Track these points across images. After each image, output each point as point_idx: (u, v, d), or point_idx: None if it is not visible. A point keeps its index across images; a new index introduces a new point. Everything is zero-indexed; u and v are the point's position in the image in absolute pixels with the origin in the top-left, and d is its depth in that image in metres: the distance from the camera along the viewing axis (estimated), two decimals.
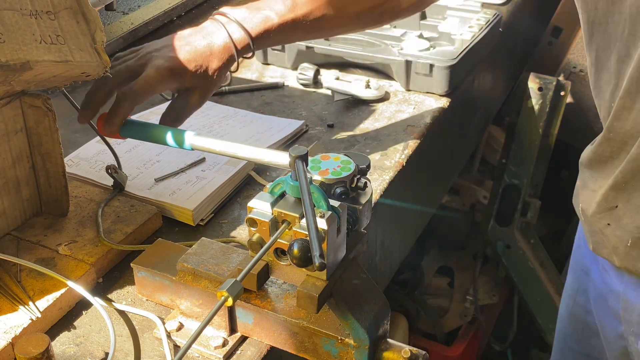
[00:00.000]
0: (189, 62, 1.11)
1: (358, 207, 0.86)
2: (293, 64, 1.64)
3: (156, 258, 0.99)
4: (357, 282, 0.87)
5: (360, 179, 0.86)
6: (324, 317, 0.88)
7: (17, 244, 1.07)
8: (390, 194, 1.29)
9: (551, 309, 2.16)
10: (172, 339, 0.94)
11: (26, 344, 0.82)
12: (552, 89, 2.01)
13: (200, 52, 1.12)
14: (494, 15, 1.69)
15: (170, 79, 1.11)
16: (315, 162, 0.86)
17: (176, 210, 1.16)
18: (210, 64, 1.12)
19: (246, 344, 0.94)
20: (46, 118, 1.05)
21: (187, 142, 1.04)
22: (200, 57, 1.12)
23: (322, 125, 1.44)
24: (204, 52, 1.12)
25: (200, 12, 2.02)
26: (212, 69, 1.13)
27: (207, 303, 0.93)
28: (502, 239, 2.16)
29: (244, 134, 1.37)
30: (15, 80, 0.94)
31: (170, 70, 1.10)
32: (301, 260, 0.78)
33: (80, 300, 1.01)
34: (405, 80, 1.54)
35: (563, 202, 2.50)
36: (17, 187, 1.08)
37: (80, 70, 0.99)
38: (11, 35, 0.90)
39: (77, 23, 0.98)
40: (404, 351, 0.85)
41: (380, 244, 1.34)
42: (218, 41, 1.13)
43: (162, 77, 1.09)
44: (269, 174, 1.29)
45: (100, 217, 1.11)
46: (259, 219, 0.82)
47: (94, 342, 0.94)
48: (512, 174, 2.10)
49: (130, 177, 1.22)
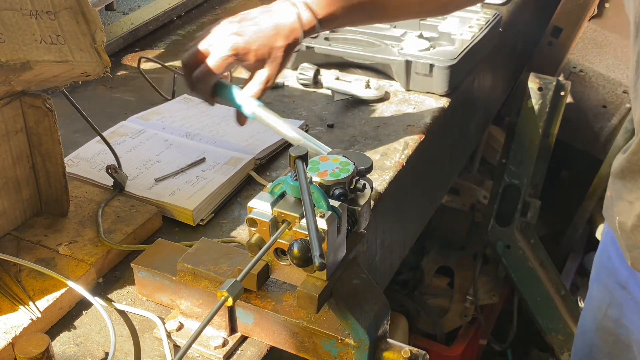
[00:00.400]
0: (253, 42, 1.13)
1: (357, 208, 0.86)
2: (293, 64, 1.64)
3: (156, 258, 0.99)
4: (357, 282, 0.87)
5: (359, 181, 0.86)
6: (324, 317, 0.88)
7: (17, 244, 1.07)
8: (390, 194, 1.29)
9: (551, 309, 2.16)
10: (172, 339, 0.94)
11: (26, 344, 0.82)
12: (552, 89, 2.01)
13: (265, 31, 1.14)
14: (494, 15, 1.69)
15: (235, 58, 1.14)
16: (313, 163, 0.86)
17: (176, 210, 1.16)
18: (275, 43, 1.14)
19: (246, 344, 0.94)
20: (46, 118, 1.05)
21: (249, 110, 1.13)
22: (265, 37, 1.14)
23: (322, 125, 1.44)
24: (270, 32, 1.14)
25: (200, 12, 2.02)
26: (277, 47, 1.14)
27: (207, 303, 0.93)
28: (502, 239, 2.16)
29: (244, 134, 1.37)
30: (15, 80, 0.94)
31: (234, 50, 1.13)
32: (301, 260, 0.78)
33: (80, 300, 1.01)
34: (405, 80, 1.54)
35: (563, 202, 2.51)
36: (17, 187, 1.08)
37: (80, 70, 0.99)
38: (11, 35, 0.90)
39: (77, 23, 0.98)
40: (404, 351, 0.85)
41: (380, 244, 1.34)
42: (285, 21, 1.15)
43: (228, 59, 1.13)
44: (269, 174, 1.29)
45: (100, 217, 1.11)
46: (259, 219, 0.82)
47: (94, 342, 0.94)
48: (512, 174, 2.10)
49: (130, 177, 1.22)
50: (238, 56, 1.13)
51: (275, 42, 1.14)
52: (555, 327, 2.17)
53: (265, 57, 1.14)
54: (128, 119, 1.43)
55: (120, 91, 1.61)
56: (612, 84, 2.19)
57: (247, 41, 1.13)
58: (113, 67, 1.39)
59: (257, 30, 1.14)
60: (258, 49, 1.13)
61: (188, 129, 1.39)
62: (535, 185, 2.15)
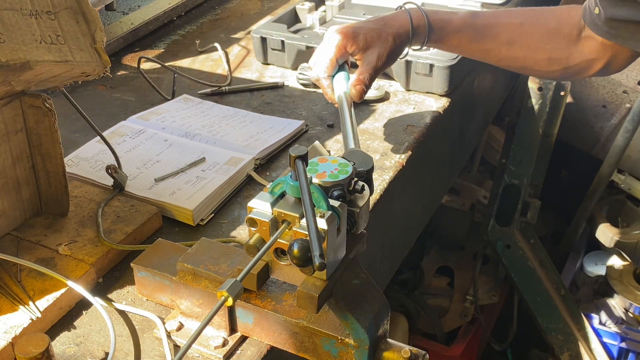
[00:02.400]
0: (361, 27, 1.19)
1: (355, 210, 0.85)
2: (293, 64, 1.64)
3: (156, 258, 0.99)
4: (357, 282, 0.87)
5: (358, 182, 0.86)
6: (324, 317, 0.88)
7: (17, 244, 1.07)
8: (390, 194, 1.29)
9: (551, 309, 2.16)
10: (172, 339, 0.94)
11: (26, 343, 0.82)
12: (552, 89, 2.01)
13: (374, 21, 1.21)
14: None
15: (347, 41, 1.19)
16: (312, 164, 0.86)
17: (176, 210, 1.16)
18: (384, 28, 1.18)
19: (246, 344, 0.94)
20: (46, 118, 1.05)
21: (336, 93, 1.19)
22: (374, 24, 1.19)
23: (322, 125, 1.44)
24: (379, 22, 1.20)
25: (200, 12, 2.02)
26: (386, 32, 1.18)
27: (207, 303, 0.93)
28: (502, 239, 2.16)
29: (244, 134, 1.37)
30: (15, 80, 0.94)
31: (343, 33, 1.18)
32: (301, 260, 0.78)
33: (80, 300, 1.01)
34: (405, 80, 1.54)
35: (563, 202, 2.51)
36: (17, 187, 1.08)
37: (80, 70, 0.99)
38: (11, 35, 0.90)
39: (77, 23, 0.98)
40: (404, 351, 0.85)
41: (380, 244, 1.34)
42: (395, 15, 1.21)
43: (339, 41, 1.19)
44: (269, 174, 1.29)
45: (100, 217, 1.11)
46: (259, 219, 0.82)
47: (94, 342, 0.94)
48: (512, 174, 2.10)
49: (130, 177, 1.22)
50: (349, 37, 1.17)
51: (384, 28, 1.18)
52: (555, 327, 2.17)
53: (374, 41, 1.17)
54: (128, 119, 1.43)
55: (120, 91, 1.61)
56: (612, 84, 2.19)
57: (355, 27, 1.18)
58: (113, 67, 1.39)
59: (366, 21, 1.20)
60: (367, 32, 1.17)
61: (188, 129, 1.39)
62: (535, 185, 2.14)
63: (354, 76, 1.19)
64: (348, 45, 1.18)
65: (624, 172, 2.23)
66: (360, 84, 1.17)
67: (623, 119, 2.13)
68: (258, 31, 1.67)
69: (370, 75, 1.18)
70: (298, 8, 1.77)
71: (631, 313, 2.18)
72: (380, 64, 1.19)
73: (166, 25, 1.92)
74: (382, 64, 1.19)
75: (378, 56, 1.18)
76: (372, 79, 1.19)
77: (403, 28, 1.19)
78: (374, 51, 1.18)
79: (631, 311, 2.18)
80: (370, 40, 1.18)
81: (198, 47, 1.79)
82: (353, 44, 1.18)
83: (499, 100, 2.08)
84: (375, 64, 1.18)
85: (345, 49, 1.19)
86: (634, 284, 2.21)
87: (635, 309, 2.17)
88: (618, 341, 2.13)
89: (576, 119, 2.22)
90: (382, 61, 1.18)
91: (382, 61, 1.18)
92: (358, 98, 1.18)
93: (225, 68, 1.68)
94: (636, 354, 2.15)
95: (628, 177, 2.23)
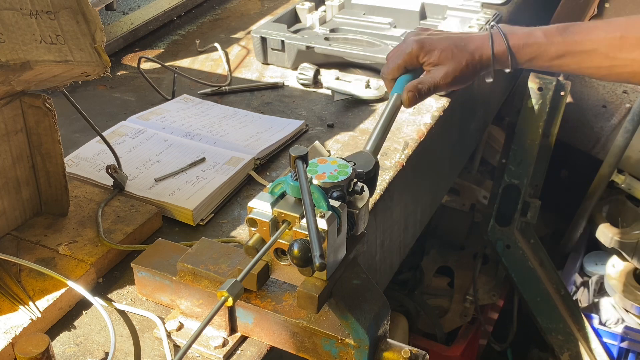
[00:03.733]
0: (440, 42, 1.15)
1: (355, 211, 0.85)
2: (293, 64, 1.64)
3: (156, 258, 0.99)
4: (357, 282, 0.87)
5: (357, 183, 0.86)
6: (324, 317, 0.88)
7: (17, 244, 1.07)
8: (390, 194, 1.29)
9: (551, 309, 2.16)
10: (172, 339, 0.94)
11: (26, 344, 0.82)
12: (552, 89, 2.01)
13: (454, 37, 1.17)
14: (494, 15, 1.69)
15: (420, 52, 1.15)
16: (312, 165, 0.86)
17: (176, 210, 1.16)
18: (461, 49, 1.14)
19: (246, 344, 0.94)
20: (46, 118, 1.05)
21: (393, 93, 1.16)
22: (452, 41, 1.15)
23: (322, 125, 1.44)
24: (458, 39, 1.16)
25: (200, 12, 2.02)
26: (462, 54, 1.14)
27: (207, 303, 0.93)
28: (502, 239, 2.16)
29: (244, 134, 1.37)
30: (15, 80, 0.94)
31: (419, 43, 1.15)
32: (301, 260, 0.78)
33: (80, 300, 1.01)
34: None
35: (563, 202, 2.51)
36: (17, 187, 1.08)
37: (80, 70, 0.99)
38: (11, 35, 0.90)
39: (77, 23, 0.98)
40: (404, 351, 0.85)
41: (380, 244, 1.34)
42: (476, 36, 1.16)
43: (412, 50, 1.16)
44: (269, 174, 1.29)
45: (100, 217, 1.11)
46: (259, 219, 0.82)
47: (94, 342, 0.94)
48: (512, 174, 2.10)
49: (130, 177, 1.22)
50: (424, 49, 1.15)
51: (462, 49, 1.14)
52: (555, 327, 2.17)
53: (447, 60, 1.14)
54: (128, 119, 1.43)
55: (120, 91, 1.61)
56: (612, 84, 2.18)
57: (434, 40, 1.15)
58: (113, 67, 1.39)
59: (447, 36, 1.17)
60: (443, 49, 1.14)
61: (188, 129, 1.39)
62: (535, 185, 2.14)
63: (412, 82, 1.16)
64: (420, 56, 1.16)
65: (624, 172, 2.23)
66: (414, 90, 1.13)
67: (623, 119, 2.13)
68: (258, 31, 1.67)
69: (428, 88, 1.14)
70: (298, 8, 1.77)
71: (631, 313, 2.18)
72: (444, 83, 1.15)
73: (166, 25, 1.92)
74: (445, 83, 1.15)
75: (444, 74, 1.14)
76: (429, 91, 1.15)
77: (480, 53, 1.14)
78: (442, 69, 1.14)
79: (631, 311, 2.18)
80: (444, 58, 1.14)
81: (198, 47, 1.79)
82: (425, 57, 1.15)
83: (499, 100, 2.08)
84: (439, 80, 1.14)
85: (416, 59, 1.16)
86: (634, 284, 2.21)
87: (635, 309, 2.17)
88: (618, 341, 2.13)
89: (576, 119, 2.22)
90: (447, 81, 1.14)
91: (447, 81, 1.14)
92: (407, 104, 1.14)
93: (225, 68, 1.68)
94: (636, 354, 2.15)
95: (628, 177, 2.23)
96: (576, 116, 2.22)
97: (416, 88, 1.14)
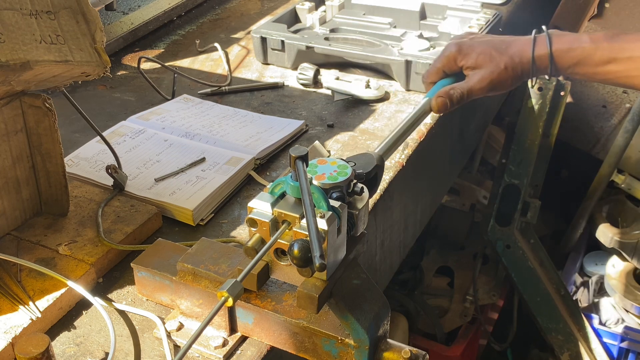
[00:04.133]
0: (479, 45, 1.12)
1: (354, 212, 0.85)
2: (293, 64, 1.64)
3: (156, 258, 0.99)
4: (357, 282, 0.87)
5: (357, 184, 0.86)
6: (324, 317, 0.88)
7: (17, 244, 1.07)
8: (390, 194, 1.28)
9: (551, 309, 2.16)
10: (172, 339, 0.94)
11: (26, 344, 0.82)
12: (552, 89, 2.01)
13: (494, 41, 1.12)
14: (494, 15, 1.69)
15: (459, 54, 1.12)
16: (311, 166, 0.86)
17: (176, 210, 1.16)
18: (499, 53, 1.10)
19: (246, 344, 0.94)
20: (46, 118, 1.05)
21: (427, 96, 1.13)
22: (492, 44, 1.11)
23: (322, 125, 1.44)
24: (498, 43, 1.12)
25: (200, 12, 2.02)
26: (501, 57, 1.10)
27: (207, 303, 0.93)
28: (502, 239, 2.15)
29: (244, 134, 1.37)
30: (15, 80, 0.94)
31: (458, 46, 1.12)
32: (301, 260, 0.78)
33: (80, 300, 1.01)
34: (405, 80, 1.54)
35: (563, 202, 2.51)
36: (17, 187, 1.08)
37: (80, 70, 0.99)
38: (11, 35, 0.90)
39: (77, 23, 0.98)
40: (404, 351, 0.85)
41: (380, 244, 1.34)
42: (517, 39, 1.12)
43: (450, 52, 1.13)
44: (269, 174, 1.29)
45: (100, 217, 1.11)
46: (259, 219, 0.82)
47: (94, 342, 0.94)
48: (512, 174, 2.10)
49: (130, 177, 1.22)
50: (462, 52, 1.12)
51: (501, 52, 1.10)
52: (555, 327, 2.17)
53: (485, 63, 1.10)
54: (128, 119, 1.43)
55: (120, 91, 1.61)
56: None
57: (474, 43, 1.12)
58: (113, 67, 1.39)
59: (488, 39, 1.13)
60: (481, 52, 1.10)
61: (188, 128, 1.39)
62: (535, 185, 2.14)
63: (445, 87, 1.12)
64: (459, 59, 1.12)
65: (624, 172, 2.23)
66: (444, 96, 1.10)
67: (623, 119, 2.13)
68: (258, 31, 1.67)
69: (460, 93, 1.10)
70: (298, 8, 1.77)
71: (631, 313, 2.18)
72: (479, 88, 1.10)
73: (166, 25, 1.92)
74: (480, 88, 1.10)
75: (480, 79, 1.10)
76: (462, 98, 1.11)
77: (521, 56, 1.09)
78: (479, 73, 1.10)
79: (631, 311, 2.18)
80: (481, 61, 1.10)
81: (198, 47, 1.79)
82: (463, 60, 1.12)
83: (498, 100, 2.08)
84: (473, 85, 1.10)
85: (455, 62, 1.13)
86: (634, 284, 2.21)
87: (635, 309, 2.17)
88: (618, 341, 2.13)
89: (576, 119, 2.22)
90: (482, 85, 1.10)
91: (482, 85, 1.10)
92: (436, 109, 1.11)
93: (225, 68, 1.68)
94: (636, 354, 2.15)
95: (628, 177, 2.23)
96: (576, 116, 2.22)
97: (447, 94, 1.10)
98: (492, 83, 1.11)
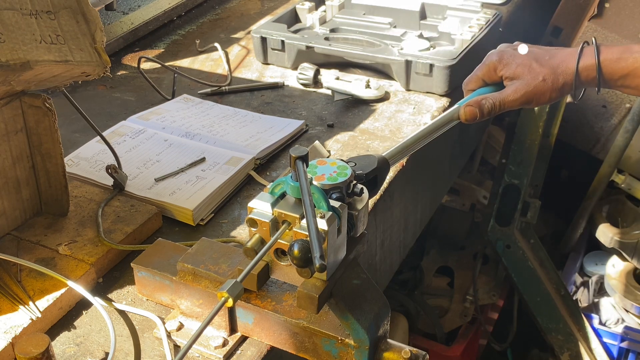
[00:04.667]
0: (520, 55, 1.07)
1: (354, 213, 0.85)
2: (293, 64, 1.64)
3: (156, 258, 0.99)
4: (357, 282, 0.87)
5: (357, 185, 0.86)
6: (324, 317, 0.88)
7: (17, 244, 1.07)
8: (390, 194, 1.28)
9: (551, 309, 2.16)
10: (172, 339, 0.94)
11: (26, 344, 0.82)
12: None
13: (536, 52, 1.08)
14: (494, 15, 1.69)
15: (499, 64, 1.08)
16: (311, 167, 0.86)
17: (176, 210, 1.16)
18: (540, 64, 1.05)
19: (246, 344, 0.94)
20: (46, 118, 1.05)
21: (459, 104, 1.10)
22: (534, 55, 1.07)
23: (322, 125, 1.44)
24: (540, 53, 1.07)
25: (200, 12, 2.02)
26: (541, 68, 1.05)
27: (207, 303, 0.93)
28: (502, 239, 2.16)
29: (244, 134, 1.37)
30: (15, 80, 0.94)
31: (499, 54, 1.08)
32: (301, 260, 0.78)
33: (80, 300, 1.00)
34: (405, 80, 1.54)
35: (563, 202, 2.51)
36: (17, 187, 1.08)
37: (80, 70, 0.99)
38: (11, 35, 0.90)
39: (77, 23, 0.98)
40: (404, 351, 0.85)
41: (380, 244, 1.34)
42: (563, 51, 1.07)
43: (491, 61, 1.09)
44: (269, 174, 1.29)
45: (100, 217, 1.11)
46: (259, 219, 0.82)
47: (94, 342, 0.94)
48: (512, 174, 2.10)
49: (130, 177, 1.22)
50: (502, 61, 1.07)
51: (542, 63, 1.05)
52: (555, 327, 2.17)
53: (523, 73, 1.06)
54: (128, 119, 1.43)
55: (120, 91, 1.61)
56: None
57: (516, 52, 1.07)
58: (113, 67, 1.39)
59: (532, 50, 1.08)
60: (521, 62, 1.06)
61: (188, 128, 1.39)
62: (535, 185, 2.14)
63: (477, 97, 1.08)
64: (499, 68, 1.08)
65: (624, 172, 2.23)
66: (474, 105, 1.05)
67: (623, 119, 2.13)
68: (258, 31, 1.67)
69: (492, 104, 1.06)
70: (298, 8, 1.77)
71: (631, 313, 2.18)
72: (512, 99, 1.05)
73: (166, 25, 1.92)
74: (514, 99, 1.05)
75: (515, 90, 1.05)
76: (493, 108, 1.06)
77: (565, 67, 1.04)
78: (515, 83, 1.06)
79: (631, 311, 2.18)
80: (520, 72, 1.05)
81: (198, 47, 1.79)
82: (503, 69, 1.07)
83: None
84: (507, 96, 1.05)
85: (495, 71, 1.09)
86: (634, 284, 2.21)
87: (635, 309, 2.17)
88: (618, 341, 2.13)
89: (576, 119, 2.22)
90: (516, 97, 1.05)
91: (516, 97, 1.05)
92: (464, 118, 1.07)
93: (225, 68, 1.68)
94: (636, 354, 2.15)
95: (628, 177, 2.23)
96: (576, 116, 2.22)
97: (478, 103, 1.06)
98: (527, 95, 1.06)
